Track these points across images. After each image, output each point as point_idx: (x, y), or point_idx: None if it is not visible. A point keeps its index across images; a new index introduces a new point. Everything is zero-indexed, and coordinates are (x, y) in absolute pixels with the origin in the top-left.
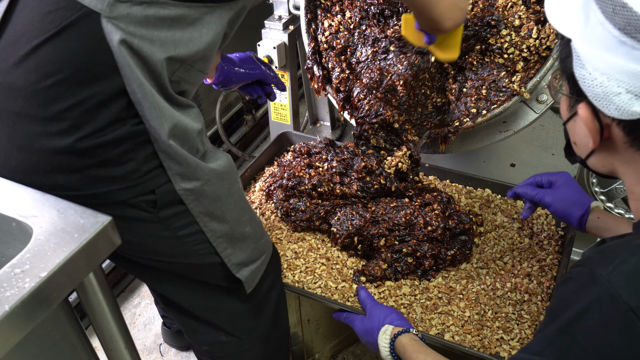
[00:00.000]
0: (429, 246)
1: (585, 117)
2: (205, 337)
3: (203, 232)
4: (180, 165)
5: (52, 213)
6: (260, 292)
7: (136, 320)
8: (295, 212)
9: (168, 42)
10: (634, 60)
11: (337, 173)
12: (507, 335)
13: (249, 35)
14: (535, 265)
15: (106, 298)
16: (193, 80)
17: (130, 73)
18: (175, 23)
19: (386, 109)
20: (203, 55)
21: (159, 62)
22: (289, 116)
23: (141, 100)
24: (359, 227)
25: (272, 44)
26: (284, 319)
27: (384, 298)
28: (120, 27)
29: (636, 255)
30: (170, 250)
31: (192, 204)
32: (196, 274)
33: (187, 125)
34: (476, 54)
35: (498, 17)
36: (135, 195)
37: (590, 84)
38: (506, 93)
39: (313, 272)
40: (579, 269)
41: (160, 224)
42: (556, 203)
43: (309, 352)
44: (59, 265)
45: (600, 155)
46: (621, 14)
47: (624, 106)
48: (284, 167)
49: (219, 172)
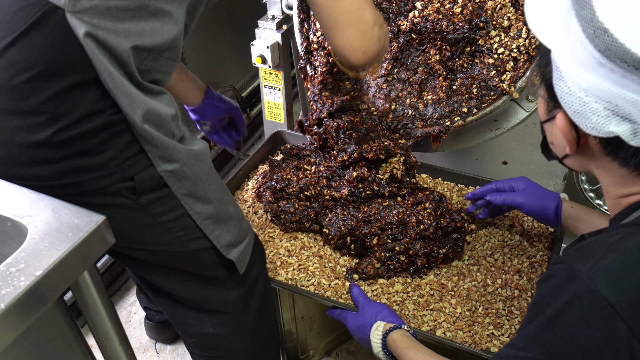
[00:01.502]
0: (421, 244)
1: (562, 127)
2: (193, 329)
3: (189, 214)
4: (158, 148)
5: (46, 213)
6: (247, 282)
7: (132, 318)
8: (285, 214)
9: (132, 33)
10: (613, 82)
11: (324, 177)
12: (497, 331)
13: (243, 35)
14: (525, 261)
15: (101, 296)
16: (164, 70)
17: (99, 64)
18: (137, 13)
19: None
20: (170, 45)
21: (124, 52)
22: (282, 115)
23: (112, 89)
24: (351, 228)
25: (265, 43)
26: (271, 312)
27: (377, 295)
28: (84, 21)
29: (614, 252)
30: (152, 237)
31: (174, 186)
32: (181, 263)
33: (160, 110)
34: (466, 56)
35: (486, 19)
36: (114, 182)
37: (568, 100)
38: (496, 92)
39: (306, 269)
40: (559, 266)
41: (141, 210)
42: (529, 201)
43: (304, 349)
44: (54, 264)
45: (576, 158)
46: (602, 38)
47: (599, 126)
48: (274, 168)
49: (196, 153)
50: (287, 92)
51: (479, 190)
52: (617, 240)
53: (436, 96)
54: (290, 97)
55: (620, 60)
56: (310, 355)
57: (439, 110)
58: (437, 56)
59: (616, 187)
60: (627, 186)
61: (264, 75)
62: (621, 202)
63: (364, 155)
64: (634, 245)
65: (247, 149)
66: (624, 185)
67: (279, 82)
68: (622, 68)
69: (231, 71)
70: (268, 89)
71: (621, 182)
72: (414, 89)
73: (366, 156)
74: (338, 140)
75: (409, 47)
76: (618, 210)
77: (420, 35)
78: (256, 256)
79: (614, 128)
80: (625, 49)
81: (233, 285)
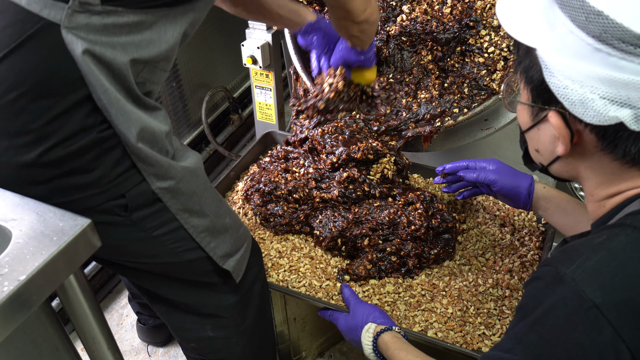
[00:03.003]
0: (413, 245)
1: (557, 124)
2: (192, 333)
3: (184, 228)
4: (153, 166)
5: (31, 216)
6: (245, 285)
7: (124, 320)
8: (274, 217)
9: (129, 45)
10: (610, 66)
11: (313, 179)
12: (488, 330)
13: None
14: (516, 261)
15: (87, 300)
16: (157, 80)
17: (95, 80)
18: (134, 28)
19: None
20: (166, 55)
21: (123, 65)
22: (274, 116)
23: (107, 106)
24: (342, 229)
25: (256, 44)
26: (268, 312)
27: (368, 296)
28: (80, 37)
29: (598, 253)
30: (146, 251)
31: (170, 202)
32: (178, 272)
33: (155, 128)
34: (457, 56)
35: (476, 18)
36: (105, 200)
37: (563, 92)
38: (487, 91)
39: (297, 271)
40: (545, 268)
41: (134, 226)
42: (502, 178)
43: (296, 350)
44: (38, 268)
45: (565, 161)
46: (596, 22)
47: (602, 111)
48: (262, 171)
49: (191, 169)
50: (278, 93)
51: (449, 165)
52: (601, 242)
53: (429, 94)
54: (281, 98)
55: (618, 40)
56: (303, 357)
57: (432, 111)
58: (429, 56)
59: (603, 187)
60: (615, 183)
61: (254, 76)
62: (606, 203)
63: (353, 156)
64: (617, 246)
65: (240, 149)
66: (612, 183)
67: (270, 83)
68: (619, 50)
69: (223, 72)
70: (259, 90)
71: (610, 179)
72: (411, 89)
73: (354, 156)
74: (325, 144)
75: (401, 50)
76: (601, 214)
77: (411, 38)
78: (253, 259)
79: (616, 113)
80: (623, 28)
81: (230, 290)
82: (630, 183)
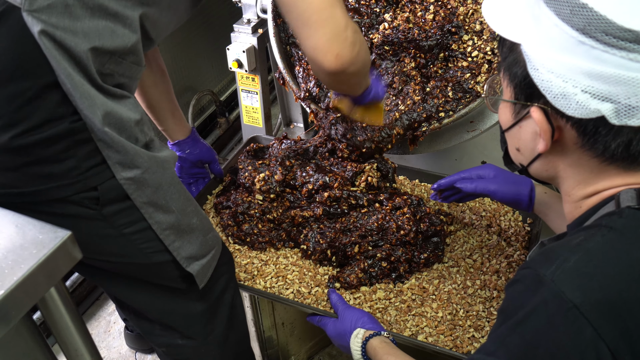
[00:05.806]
0: (403, 250)
1: (539, 119)
2: (161, 339)
3: (150, 227)
4: (119, 153)
5: (10, 229)
6: (214, 294)
7: (111, 328)
8: (250, 236)
9: (91, 33)
10: (592, 59)
11: (288, 200)
12: (478, 333)
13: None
14: (503, 261)
15: (69, 312)
16: (129, 74)
17: (57, 65)
18: (96, 12)
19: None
20: (132, 48)
21: (83, 53)
22: (260, 119)
23: (71, 91)
24: (330, 240)
25: (241, 47)
26: (241, 322)
27: (360, 304)
28: (41, 19)
29: (576, 254)
30: (115, 249)
31: (134, 194)
32: (145, 274)
33: (123, 114)
34: (440, 62)
35: (458, 24)
36: (76, 192)
37: (546, 85)
38: (472, 94)
39: (285, 278)
40: (525, 271)
41: (105, 221)
42: (502, 188)
43: (285, 355)
44: (17, 282)
45: (546, 159)
46: (580, 15)
47: (584, 104)
48: (230, 193)
49: (159, 160)
50: (265, 96)
51: (444, 181)
52: (578, 243)
53: (411, 100)
54: (268, 101)
55: (602, 33)
56: None
57: (418, 118)
58: (412, 64)
59: (582, 186)
60: (593, 183)
61: (240, 80)
62: (582, 204)
63: (330, 184)
64: (594, 246)
65: (227, 153)
66: (589, 183)
67: (256, 86)
68: (602, 43)
69: (209, 75)
70: (245, 93)
71: (588, 178)
72: (392, 100)
73: (332, 184)
74: (297, 177)
75: (383, 60)
76: (577, 215)
77: (393, 47)
78: (224, 267)
79: (598, 106)
80: (607, 20)
81: (198, 297)
82: (607, 182)
